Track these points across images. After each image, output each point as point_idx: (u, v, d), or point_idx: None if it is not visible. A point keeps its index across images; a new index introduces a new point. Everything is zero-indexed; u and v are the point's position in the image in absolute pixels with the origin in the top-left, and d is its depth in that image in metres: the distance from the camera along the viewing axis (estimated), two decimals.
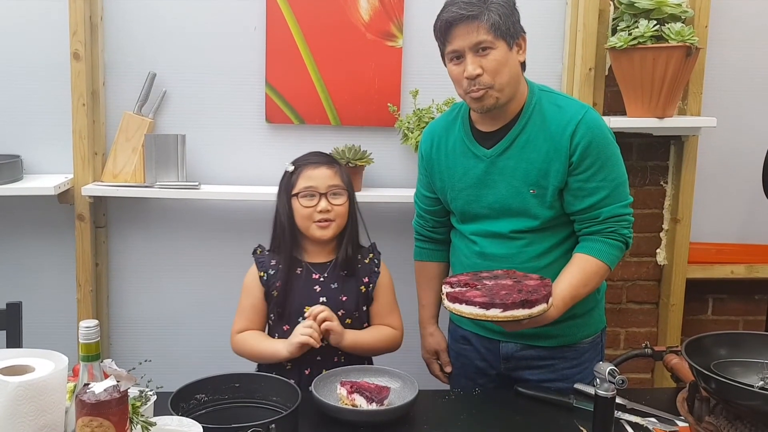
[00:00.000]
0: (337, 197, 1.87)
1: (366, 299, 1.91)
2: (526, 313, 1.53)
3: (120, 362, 2.54)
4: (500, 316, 1.52)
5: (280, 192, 1.93)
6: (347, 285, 1.89)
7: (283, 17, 2.40)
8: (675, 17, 2.29)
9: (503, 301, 1.52)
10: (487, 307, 1.52)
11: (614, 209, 1.74)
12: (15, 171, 2.35)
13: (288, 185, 1.90)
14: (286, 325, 1.86)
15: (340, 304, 1.86)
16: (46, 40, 2.39)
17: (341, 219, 1.88)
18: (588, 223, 1.75)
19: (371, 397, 1.57)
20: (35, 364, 1.25)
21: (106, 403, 1.11)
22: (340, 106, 2.46)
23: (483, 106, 1.71)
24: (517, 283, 1.63)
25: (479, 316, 1.53)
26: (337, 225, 1.88)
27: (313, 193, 1.86)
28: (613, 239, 1.74)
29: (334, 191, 1.87)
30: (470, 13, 1.65)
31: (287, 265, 1.87)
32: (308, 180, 1.87)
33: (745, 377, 1.49)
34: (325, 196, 1.86)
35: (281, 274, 1.87)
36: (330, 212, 1.85)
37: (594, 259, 1.73)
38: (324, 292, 1.87)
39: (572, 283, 1.70)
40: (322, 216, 1.85)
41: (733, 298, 2.73)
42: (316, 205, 1.85)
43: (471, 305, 1.54)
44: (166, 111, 2.46)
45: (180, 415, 1.41)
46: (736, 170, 2.65)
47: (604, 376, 1.42)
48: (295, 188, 1.88)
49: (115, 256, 2.54)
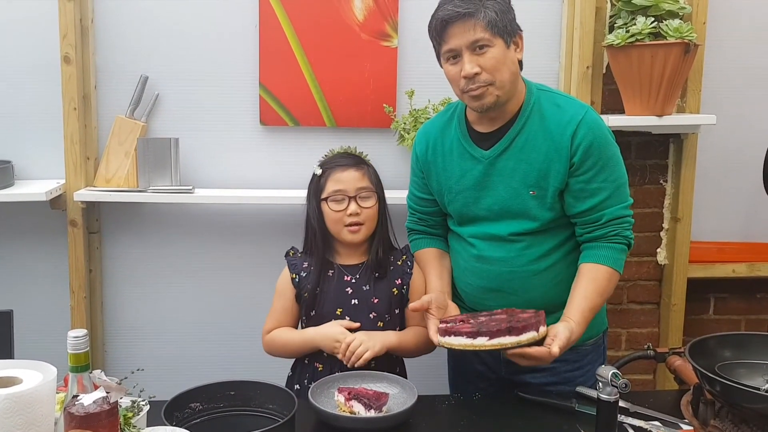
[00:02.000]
0: (366, 200, 1.88)
1: (399, 301, 1.90)
2: (514, 340, 1.53)
3: (115, 369, 2.55)
4: (487, 344, 1.53)
5: (309, 196, 1.93)
6: (379, 287, 1.89)
7: (276, 18, 2.38)
8: (673, 14, 2.27)
9: (489, 329, 1.53)
10: (473, 336, 1.54)
11: (616, 211, 1.71)
12: (6, 177, 2.32)
13: (317, 189, 1.90)
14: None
15: (372, 306, 1.86)
16: (36, 43, 2.36)
17: (371, 222, 1.89)
18: (590, 227, 1.72)
19: (369, 404, 1.55)
20: (23, 375, 1.22)
21: (95, 416, 1.09)
22: (335, 107, 2.43)
23: (483, 105, 1.68)
24: (510, 317, 1.64)
25: (467, 346, 1.55)
26: (367, 228, 1.88)
27: (342, 196, 1.86)
28: (617, 242, 1.71)
29: (363, 194, 1.87)
30: (466, 11, 1.61)
31: (319, 268, 1.88)
32: (336, 183, 1.87)
33: (751, 379, 1.48)
34: (354, 199, 1.86)
35: (313, 277, 1.88)
36: (360, 215, 1.85)
37: (603, 267, 1.69)
38: (356, 294, 1.87)
39: (586, 295, 1.66)
40: (352, 219, 1.85)
41: (735, 298, 2.71)
42: (345, 209, 1.85)
43: (459, 336, 1.56)
44: (158, 114, 2.43)
45: (174, 424, 1.39)
46: (737, 168, 2.63)
47: (607, 380, 1.40)
48: (324, 192, 1.88)
49: (109, 262, 2.52)
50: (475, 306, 1.84)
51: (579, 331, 1.62)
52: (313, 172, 1.94)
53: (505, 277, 1.77)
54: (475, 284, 1.82)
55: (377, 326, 1.85)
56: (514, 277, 1.76)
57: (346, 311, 1.86)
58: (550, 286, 1.76)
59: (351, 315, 1.86)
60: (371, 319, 1.85)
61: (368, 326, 1.85)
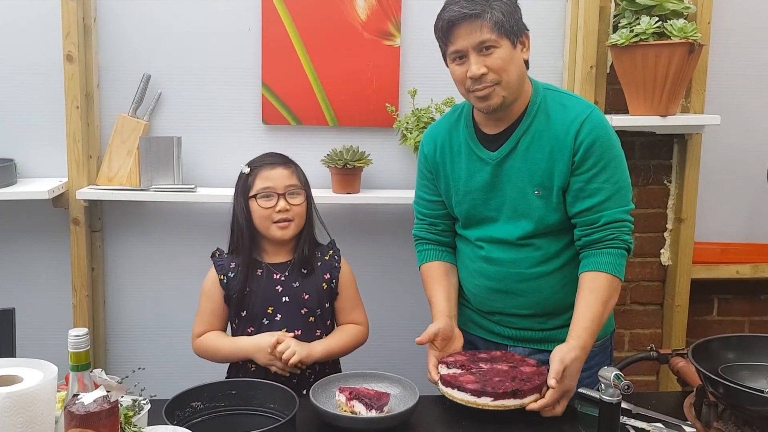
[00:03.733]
0: (295, 197, 1.89)
1: (329, 295, 1.92)
2: (518, 403, 1.54)
3: (117, 367, 2.55)
4: (491, 405, 1.53)
5: (236, 194, 1.93)
6: (308, 283, 1.90)
7: (279, 17, 2.37)
8: (677, 13, 2.26)
9: (495, 389, 1.53)
10: (478, 395, 1.54)
11: (615, 213, 1.68)
12: (8, 175, 2.33)
13: (245, 187, 1.91)
14: (251, 327, 1.88)
15: (303, 302, 1.87)
16: (38, 42, 2.36)
17: (300, 218, 1.90)
18: (588, 230, 1.69)
19: (371, 404, 1.54)
20: (23, 374, 1.21)
21: (95, 415, 1.08)
22: (338, 106, 2.43)
23: (489, 105, 1.67)
24: (512, 369, 1.64)
25: (470, 403, 1.55)
26: (296, 224, 1.89)
27: (270, 193, 1.87)
28: (615, 247, 1.67)
29: (292, 191, 1.89)
30: (473, 12, 1.60)
31: (247, 267, 1.88)
32: (265, 181, 1.88)
33: (754, 381, 1.47)
34: (283, 197, 1.87)
35: (241, 276, 1.88)
36: (289, 212, 1.87)
37: (602, 274, 1.66)
38: (286, 292, 1.88)
39: (589, 306, 1.63)
40: (281, 216, 1.86)
41: (739, 299, 2.70)
42: (274, 206, 1.86)
43: (463, 391, 1.56)
44: (161, 113, 2.43)
45: (175, 423, 1.39)
46: (741, 168, 2.62)
47: (609, 381, 1.39)
48: (252, 190, 1.89)
49: (111, 261, 2.52)
50: (482, 306, 1.84)
51: (584, 346, 1.60)
52: (241, 171, 1.93)
53: (513, 279, 1.76)
54: (482, 285, 1.81)
55: (309, 322, 1.87)
56: (522, 278, 1.76)
57: (277, 309, 1.86)
58: (557, 288, 1.75)
59: (282, 312, 1.86)
60: (302, 315, 1.87)
61: (300, 322, 1.87)
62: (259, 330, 1.86)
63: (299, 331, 1.86)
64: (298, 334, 1.85)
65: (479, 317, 1.87)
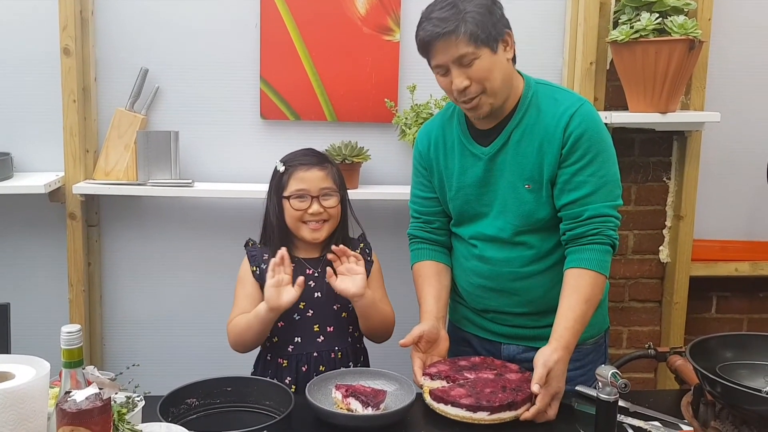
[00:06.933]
0: (328, 199, 1.85)
1: None
2: (513, 414, 1.53)
3: (113, 363, 2.54)
4: (487, 419, 1.52)
5: (270, 191, 1.90)
6: None
7: (278, 11, 2.36)
8: (677, 10, 2.25)
9: (490, 403, 1.52)
10: (474, 410, 1.52)
11: (600, 208, 1.65)
12: (5, 169, 2.31)
13: (279, 186, 1.87)
14: (281, 322, 1.83)
15: (335, 298, 1.84)
16: (35, 35, 2.35)
17: (333, 221, 1.87)
18: (572, 223, 1.67)
19: (367, 401, 1.53)
20: (15, 370, 1.21)
21: (87, 412, 1.07)
22: (336, 101, 2.42)
23: (479, 114, 1.68)
24: (498, 377, 1.63)
25: (466, 419, 1.53)
26: (329, 226, 1.86)
27: (304, 195, 1.83)
28: (599, 242, 1.65)
29: (326, 193, 1.85)
30: (445, 30, 1.58)
31: None
32: (300, 182, 1.84)
33: (752, 380, 1.46)
34: (317, 199, 1.83)
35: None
36: (322, 214, 1.83)
37: (585, 271, 1.64)
38: (318, 288, 1.85)
39: (571, 306, 1.61)
40: (314, 218, 1.83)
41: (738, 296, 2.70)
42: (307, 208, 1.83)
43: (457, 407, 1.54)
44: (158, 107, 2.42)
45: (170, 420, 1.38)
46: (741, 166, 2.61)
47: (607, 379, 1.38)
48: (286, 190, 1.85)
49: (108, 255, 2.51)
50: (476, 304, 1.83)
51: (567, 346, 1.59)
52: (275, 168, 1.90)
53: (506, 278, 1.75)
54: (476, 283, 1.80)
55: (341, 317, 1.85)
56: (515, 277, 1.75)
57: (309, 305, 1.84)
58: (550, 286, 1.74)
59: (314, 308, 1.84)
60: (335, 311, 1.85)
61: (332, 318, 1.85)
62: (290, 325, 1.82)
63: (332, 328, 1.84)
64: (331, 331, 1.84)
65: (473, 315, 1.86)
